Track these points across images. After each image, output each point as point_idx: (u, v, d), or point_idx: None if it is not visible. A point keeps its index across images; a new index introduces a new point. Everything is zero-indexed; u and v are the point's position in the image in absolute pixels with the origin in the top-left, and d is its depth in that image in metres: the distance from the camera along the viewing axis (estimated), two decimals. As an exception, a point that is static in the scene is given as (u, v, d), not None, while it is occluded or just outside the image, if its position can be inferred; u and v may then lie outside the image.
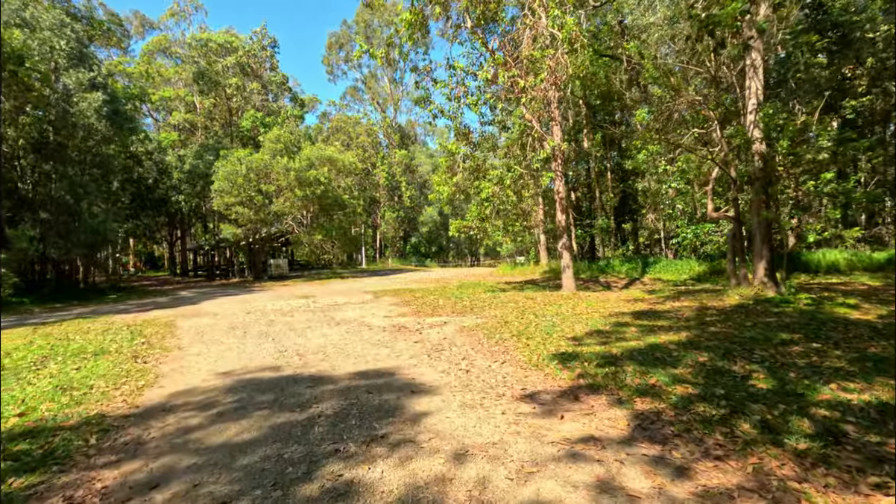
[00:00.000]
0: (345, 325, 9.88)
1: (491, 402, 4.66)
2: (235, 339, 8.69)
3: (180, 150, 32.70)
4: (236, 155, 24.86)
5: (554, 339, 7.40)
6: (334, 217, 27.96)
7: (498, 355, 6.61)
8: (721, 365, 5.41)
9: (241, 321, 11.09)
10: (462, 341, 7.68)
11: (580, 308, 10.55)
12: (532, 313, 10.14)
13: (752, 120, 9.99)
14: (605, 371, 5.38)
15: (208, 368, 6.57)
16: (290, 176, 24.34)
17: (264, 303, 15.11)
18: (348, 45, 51.79)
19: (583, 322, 8.70)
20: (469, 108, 12.29)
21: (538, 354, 6.45)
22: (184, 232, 37.81)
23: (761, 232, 10.09)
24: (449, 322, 9.72)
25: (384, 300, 14.65)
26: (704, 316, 8.68)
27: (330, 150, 26.74)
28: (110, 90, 22.91)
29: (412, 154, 51.62)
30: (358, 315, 11.48)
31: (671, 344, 6.60)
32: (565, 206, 12.58)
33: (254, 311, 12.88)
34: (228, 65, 28.56)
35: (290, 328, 9.73)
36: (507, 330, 8.35)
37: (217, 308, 14.24)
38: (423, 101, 13.97)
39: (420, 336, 8.31)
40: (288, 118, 31.50)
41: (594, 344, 6.85)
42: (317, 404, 4.72)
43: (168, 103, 34.36)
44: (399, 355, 6.86)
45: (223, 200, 24.19)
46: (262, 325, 10.40)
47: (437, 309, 11.75)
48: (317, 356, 6.98)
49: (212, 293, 20.43)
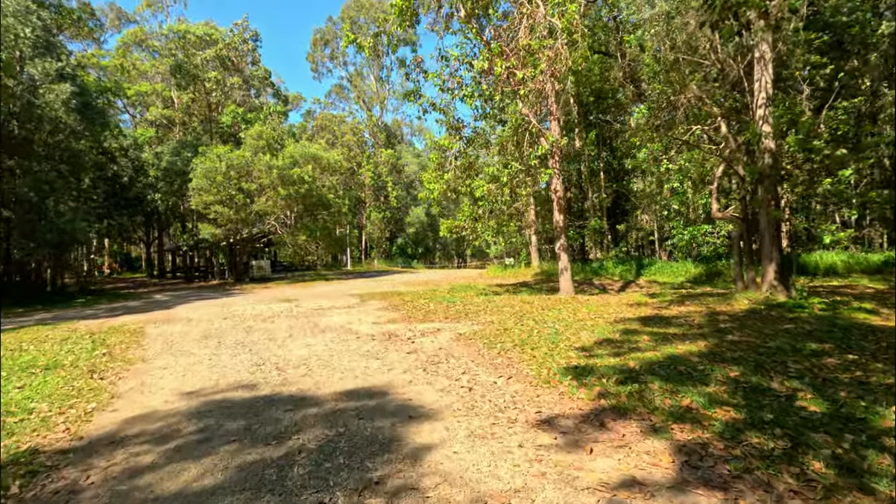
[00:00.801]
0: (330, 333, 9.10)
1: (503, 429, 3.98)
2: (208, 350, 7.86)
3: (157, 146, 31.38)
4: (216, 151, 23.80)
5: (561, 349, 6.76)
6: (319, 217, 27.03)
7: (502, 369, 5.94)
8: (756, 381, 4.81)
9: (216, 328, 10.22)
10: (460, 352, 6.99)
11: (582, 313, 9.95)
12: (531, 319, 9.50)
13: (761, 115, 9.53)
14: (629, 389, 4.75)
15: (173, 386, 5.76)
16: (272, 174, 23.38)
17: (243, 307, 14.21)
18: (333, 43, 50.75)
19: (588, 329, 8.08)
20: (463, 101, 11.63)
21: (547, 368, 5.79)
22: (161, 232, 36.38)
23: (770, 233, 9.63)
24: (443, 329, 9.02)
25: (372, 304, 13.88)
26: (717, 322, 8.14)
27: (314, 148, 25.82)
28: (80, 82, 21.67)
29: (399, 153, 50.80)
30: (344, 321, 10.70)
31: (692, 355, 6.00)
32: (563, 205, 12.00)
33: (231, 317, 12.00)
34: (208, 58, 27.39)
35: (269, 337, 8.92)
36: (508, 338, 7.68)
37: (192, 313, 13.30)
38: (412, 94, 13.26)
39: (413, 346, 7.59)
40: (271, 114, 30.42)
41: (607, 355, 6.22)
42: (297, 434, 3.98)
43: (144, 98, 32.96)
44: (391, 369, 6.14)
45: (202, 199, 23.10)
46: (239, 332, 9.56)
47: (429, 314, 11.04)
48: (298, 371, 6.21)
49: (188, 296, 19.38)
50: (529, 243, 24.99)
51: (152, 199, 28.40)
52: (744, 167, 9.76)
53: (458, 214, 13.97)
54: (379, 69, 52.48)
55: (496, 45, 10.69)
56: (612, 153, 24.36)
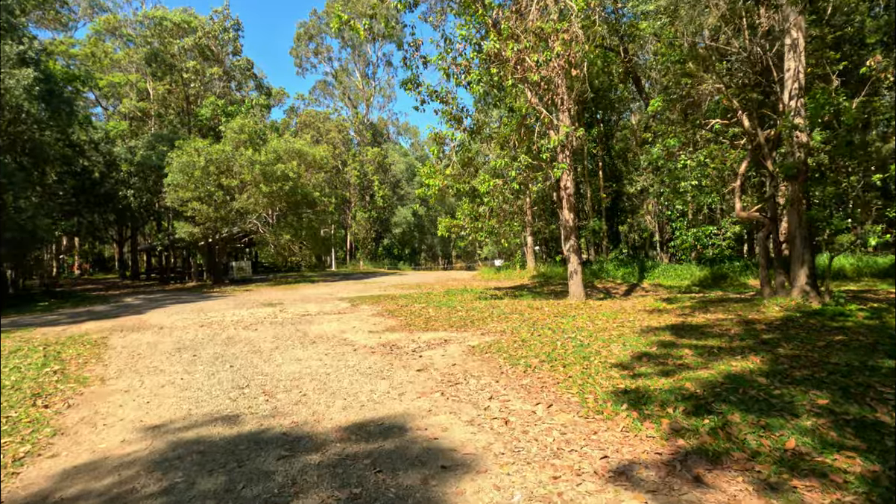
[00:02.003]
0: (322, 344, 8.05)
1: (571, 487, 3.03)
2: (181, 366, 6.74)
3: (131, 140, 29.65)
4: (194, 145, 22.37)
5: (596, 365, 5.85)
6: (303, 216, 25.77)
7: (536, 392, 5.00)
8: (857, 412, 3.97)
9: (191, 338, 9.06)
10: (479, 369, 6.03)
11: (600, 321, 9.08)
12: (547, 328, 8.60)
13: (793, 106, 8.83)
14: (707, 424, 3.85)
15: (135, 417, 4.67)
16: (254, 170, 22.07)
17: (223, 312, 13.01)
18: (318, 38, 49.31)
19: (617, 341, 7.20)
20: (467, 88, 10.66)
21: (592, 392, 4.87)
22: (135, 231, 34.53)
23: (802, 234, 8.93)
24: (451, 340, 8.05)
25: (364, 309, 12.83)
26: (756, 332, 7.34)
27: (299, 144, 24.56)
28: (44, 68, 20.06)
29: (385, 152, 49.60)
30: (336, 329, 9.64)
31: (753, 374, 5.15)
32: (573, 203, 11.16)
33: (209, 324, 10.83)
34: (186, 47, 25.82)
35: (253, 349, 7.82)
36: (530, 352, 6.75)
37: (165, 319, 12.07)
38: (410, 83, 12.26)
39: (421, 361, 6.60)
40: (253, 107, 28.94)
41: (654, 374, 5.33)
42: (296, 501, 2.96)
43: (117, 90, 31.13)
44: (403, 392, 5.15)
45: (178, 195, 21.66)
46: (217, 343, 8.43)
47: (431, 322, 10.06)
48: (290, 395, 5.17)
49: (162, 300, 18.01)
50: (524, 244, 24.19)
51: (124, 195, 26.72)
52: (773, 163, 9.06)
53: (458, 213, 13.02)
54: (365, 65, 51.27)
55: (506, 26, 9.78)
56: (608, 152, 23.73)
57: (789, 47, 9.00)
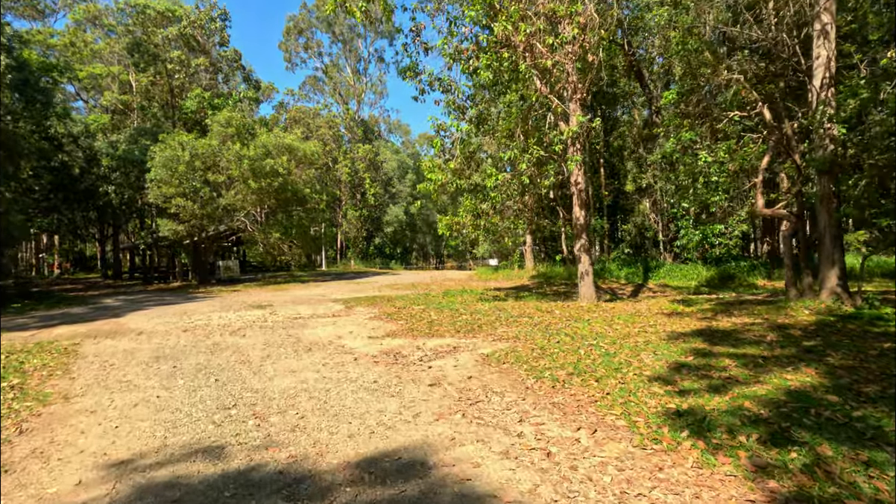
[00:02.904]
0: (318, 352, 7.29)
1: (658, 555, 2.34)
2: (158, 380, 5.94)
3: (112, 134, 28.42)
4: (178, 139, 21.35)
5: (633, 379, 5.19)
6: (293, 213, 24.85)
7: (572, 413, 4.32)
8: (967, 441, 3.34)
9: (172, 346, 8.23)
10: (499, 383, 5.33)
11: (619, 326, 8.44)
12: (563, 333, 7.93)
13: (822, 97, 8.27)
14: (794, 458, 3.20)
15: (97, 448, 3.89)
16: (242, 165, 21.12)
17: (208, 315, 12.15)
18: (308, 32, 48.23)
19: (645, 349, 6.55)
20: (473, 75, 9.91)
21: (640, 413, 4.20)
22: (117, 229, 33.24)
23: (832, 233, 8.39)
24: (460, 347, 7.34)
25: (360, 312, 12.07)
26: (796, 339, 6.75)
27: (289, 138, 23.65)
28: (17, 55, 18.94)
29: (377, 149, 48.69)
30: (332, 334, 8.88)
31: (818, 391, 4.53)
32: (585, 199, 10.51)
33: (193, 329, 9.98)
34: (170, 36, 24.70)
35: (241, 358, 7.03)
36: (552, 362, 6.07)
37: (145, 323, 11.19)
38: (410, 70, 11.51)
39: (432, 373, 5.89)
40: (241, 100, 27.87)
41: (702, 390, 4.68)
42: (301, 579, 2.23)
43: (98, 82, 29.88)
44: (417, 414, 4.43)
45: (161, 191, 20.63)
46: (201, 351, 7.63)
47: (435, 326, 9.33)
48: (286, 419, 4.42)
49: (144, 301, 17.03)
50: (524, 243, 23.55)
51: (105, 191, 25.55)
52: (800, 156, 8.51)
53: (459, 210, 12.31)
54: (356, 61, 50.33)
55: (515, 8, 9.09)
56: (606, 148, 23.18)
57: (818, 33, 8.44)
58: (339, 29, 47.74)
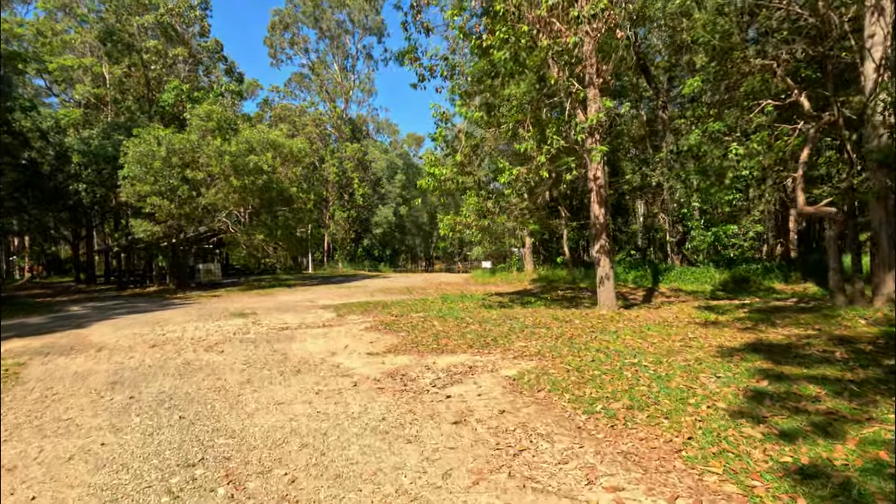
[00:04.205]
0: (310, 374, 6.12)
1: None
2: (107, 417, 4.73)
3: (85, 130, 26.71)
4: (153, 133, 19.88)
5: (710, 414, 4.14)
6: (279, 214, 23.48)
7: (657, 472, 3.24)
8: None
9: (135, 365, 6.98)
10: (541, 420, 4.24)
11: (655, 339, 7.43)
12: (594, 349, 6.88)
13: (878, 81, 7.40)
14: None
15: (-5, 542, 2.69)
16: (223, 161, 19.74)
17: (183, 326, 10.86)
18: (294, 26, 46.69)
19: (700, 369, 5.53)
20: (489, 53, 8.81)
21: (751, 472, 3.15)
22: (90, 230, 31.42)
23: (888, 233, 7.52)
24: (477, 367, 6.24)
25: (353, 321, 10.89)
26: (873, 357, 5.79)
27: (274, 134, 22.32)
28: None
29: (365, 148, 47.36)
30: (325, 350, 7.71)
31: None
32: (604, 196, 9.50)
33: (163, 343, 8.71)
34: (146, 25, 23.18)
35: (216, 383, 5.83)
36: (598, 389, 5.01)
37: (110, 335, 9.86)
38: (409, 54, 10.40)
39: (451, 404, 4.78)
40: (223, 93, 26.37)
41: (807, 431, 3.67)
42: None
43: (70, 74, 28.13)
44: (447, 472, 3.32)
45: (134, 189, 19.14)
46: (168, 374, 6.40)
47: (441, 339, 8.21)
48: (269, 483, 3.27)
49: (114, 309, 15.59)
50: (523, 245, 22.54)
51: (75, 189, 23.88)
52: (852, 147, 7.65)
53: (462, 209, 11.23)
54: (344, 58, 48.94)
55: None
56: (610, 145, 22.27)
57: (871, 9, 7.56)
58: (327, 24, 46.37)
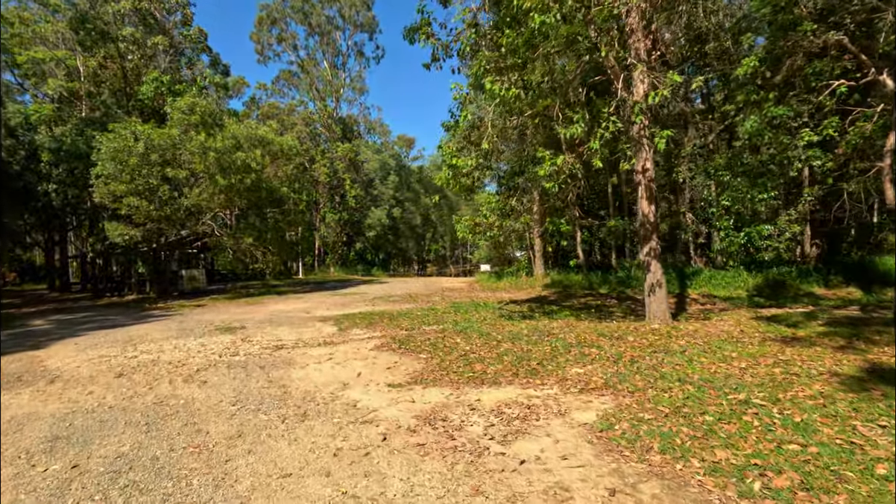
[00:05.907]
0: (321, 423, 4.66)
1: None
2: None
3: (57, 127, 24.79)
4: (130, 128, 18.18)
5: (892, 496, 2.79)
6: (268, 216, 21.87)
7: None
8: None
9: (91, 407, 5.45)
10: (686, 513, 2.85)
11: (738, 361, 6.10)
12: (674, 378, 5.52)
13: None
14: None
15: None
16: (208, 158, 18.11)
17: (160, 345, 9.28)
18: (283, 22, 44.99)
19: (845, 412, 4.20)
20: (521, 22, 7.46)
21: None
22: (64, 234, 29.40)
23: None
24: (536, 405, 4.84)
25: (358, 336, 9.42)
26: None
27: (263, 130, 20.74)
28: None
29: (357, 149, 45.76)
30: (333, 379, 6.24)
31: None
32: (654, 190, 8.23)
33: (132, 371, 7.16)
34: (122, 11, 21.43)
35: (194, 440, 4.35)
36: (731, 449, 3.64)
37: (70, 359, 8.27)
38: (421, 30, 9.01)
39: (529, 474, 3.37)
40: (206, 87, 24.68)
41: None
42: None
43: (41, 66, 26.24)
44: None
45: (108, 189, 17.41)
46: (132, 421, 4.89)
47: (474, 363, 6.78)
48: None
49: (84, 322, 13.88)
50: (531, 247, 21.20)
51: (45, 190, 22.01)
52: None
53: (482, 209, 9.87)
54: (334, 55, 47.34)
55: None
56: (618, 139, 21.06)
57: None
58: (316, 20, 44.75)
